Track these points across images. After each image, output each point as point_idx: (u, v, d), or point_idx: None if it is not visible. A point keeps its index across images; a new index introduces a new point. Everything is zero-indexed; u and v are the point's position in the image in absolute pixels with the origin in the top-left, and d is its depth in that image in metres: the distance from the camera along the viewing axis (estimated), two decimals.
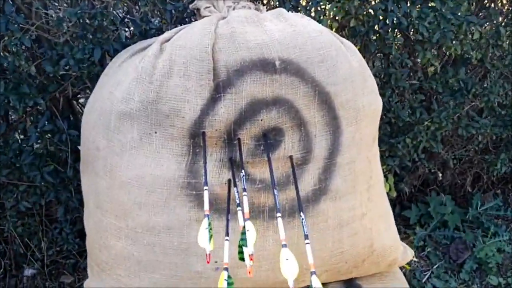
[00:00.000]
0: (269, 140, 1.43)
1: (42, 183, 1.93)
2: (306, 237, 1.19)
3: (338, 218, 1.51)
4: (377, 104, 1.58)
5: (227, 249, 1.17)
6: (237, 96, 1.41)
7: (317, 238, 1.49)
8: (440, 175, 2.35)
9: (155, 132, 1.43)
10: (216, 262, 1.47)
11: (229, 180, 1.43)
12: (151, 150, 1.44)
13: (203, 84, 1.40)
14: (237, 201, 1.28)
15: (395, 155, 2.14)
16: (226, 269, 1.12)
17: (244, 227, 1.14)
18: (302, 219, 1.23)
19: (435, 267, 2.15)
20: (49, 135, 1.85)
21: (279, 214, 1.22)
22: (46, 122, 1.81)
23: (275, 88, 1.42)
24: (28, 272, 2.27)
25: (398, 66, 1.96)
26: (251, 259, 1.09)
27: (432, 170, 2.32)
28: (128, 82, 1.44)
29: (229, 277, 1.10)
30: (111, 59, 1.69)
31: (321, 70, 1.45)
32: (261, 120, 1.43)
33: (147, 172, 1.44)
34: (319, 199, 1.49)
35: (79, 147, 1.62)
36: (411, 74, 2.04)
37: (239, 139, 1.43)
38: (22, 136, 1.94)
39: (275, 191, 1.26)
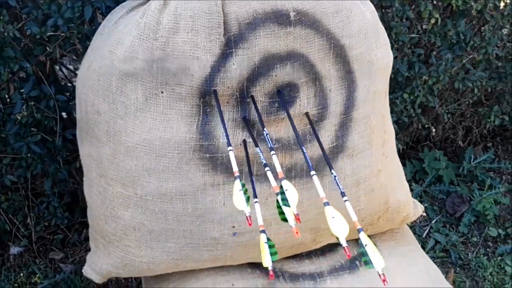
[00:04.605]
0: (284, 97, 1.36)
1: (29, 155, 1.81)
2: (343, 194, 1.13)
3: (355, 175, 1.46)
4: (390, 58, 1.52)
5: (259, 211, 1.10)
6: (250, 51, 1.32)
7: (334, 196, 1.44)
8: (434, 130, 2.33)
9: (162, 92, 1.33)
10: (233, 227, 1.41)
11: (244, 141, 1.36)
12: (158, 112, 1.34)
13: (213, 39, 1.30)
14: (264, 162, 1.20)
15: (392, 111, 2.10)
16: (263, 231, 1.05)
17: (281, 186, 1.07)
18: (335, 176, 1.18)
19: (433, 222, 2.15)
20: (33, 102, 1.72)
21: (313, 172, 1.16)
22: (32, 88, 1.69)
23: (290, 42, 1.34)
24: (15, 250, 2.16)
25: (398, 19, 1.90)
26: (298, 220, 1.02)
27: (426, 126, 2.30)
28: (130, 40, 1.33)
29: (268, 239, 1.04)
30: (103, 18, 1.56)
31: (336, 21, 1.38)
32: (275, 75, 1.35)
33: (155, 136, 1.35)
34: (337, 157, 1.43)
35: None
36: (410, 27, 1.99)
37: (252, 96, 1.35)
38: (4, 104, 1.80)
39: (304, 148, 1.20)
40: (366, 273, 1.51)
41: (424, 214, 2.19)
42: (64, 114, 1.85)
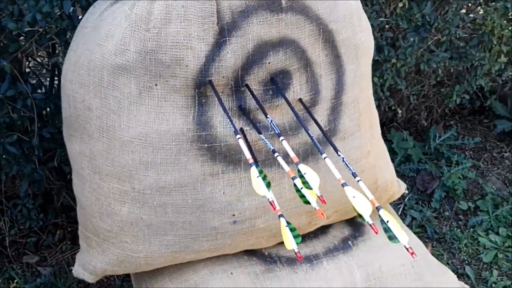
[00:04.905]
0: (277, 84, 1.38)
1: (4, 156, 1.74)
2: (355, 175, 1.16)
3: (347, 157, 1.49)
4: (372, 42, 1.57)
5: (273, 196, 1.11)
6: (244, 39, 1.33)
7: (330, 179, 1.47)
8: (400, 111, 2.41)
9: (155, 85, 1.32)
10: (233, 215, 1.41)
11: (242, 129, 1.36)
12: (153, 105, 1.33)
13: (206, 28, 1.30)
14: (271, 148, 1.22)
15: None
16: (281, 215, 1.06)
17: (298, 170, 1.09)
18: (343, 158, 1.20)
19: (406, 199, 2.23)
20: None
21: (325, 155, 1.18)
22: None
23: (281, 28, 1.36)
24: None
25: (369, 3, 1.95)
26: (323, 201, 1.04)
27: (393, 108, 2.38)
28: (121, 32, 1.30)
29: (288, 222, 1.05)
30: (82, 12, 1.52)
31: (324, 7, 1.40)
32: (269, 63, 1.36)
33: (151, 129, 1.33)
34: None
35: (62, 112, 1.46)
36: (379, 12, 2.05)
37: (247, 85, 1.36)
38: None
39: (310, 132, 1.22)
40: (359, 252, 1.56)
41: None
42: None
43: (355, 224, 1.66)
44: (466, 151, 2.50)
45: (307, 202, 1.04)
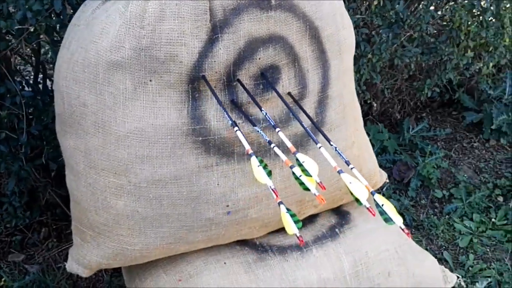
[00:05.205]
0: (267, 79, 1.43)
1: None
2: (348, 163, 1.23)
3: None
4: (353, 38, 1.64)
5: (272, 184, 1.16)
6: (235, 36, 1.38)
7: (320, 169, 1.53)
8: (375, 105, 2.50)
9: (150, 80, 1.35)
10: (227, 206, 1.46)
11: (235, 122, 1.41)
12: (148, 100, 1.36)
13: (199, 25, 1.34)
14: (267, 139, 1.27)
15: None
16: (281, 202, 1.12)
17: (297, 159, 1.15)
18: (335, 148, 1.27)
19: (384, 189, 2.32)
20: None
21: (320, 145, 1.24)
22: None
23: (271, 25, 1.41)
24: None
25: (346, 1, 2.02)
26: (323, 187, 1.10)
27: (369, 101, 2.46)
28: (116, 29, 1.33)
29: (287, 209, 1.10)
30: (72, 9, 1.54)
31: (310, 5, 1.46)
32: (259, 58, 1.41)
33: (147, 123, 1.37)
34: (318, 133, 1.52)
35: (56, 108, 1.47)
36: (355, 9, 2.13)
37: (238, 80, 1.41)
38: None
39: (304, 124, 1.28)
40: (346, 239, 1.63)
41: None
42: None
43: (340, 212, 1.73)
44: (438, 142, 2.61)
45: (307, 189, 1.10)
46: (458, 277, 1.78)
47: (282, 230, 1.66)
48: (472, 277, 1.91)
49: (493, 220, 2.15)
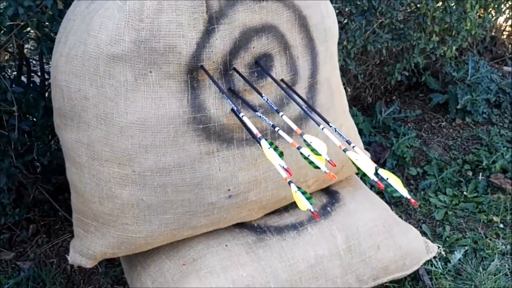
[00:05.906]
0: (262, 66, 1.49)
1: None
2: (349, 142, 1.31)
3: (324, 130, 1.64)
4: (336, 26, 1.71)
5: (284, 164, 1.22)
6: (230, 26, 1.43)
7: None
8: (348, 90, 2.60)
9: (150, 72, 1.40)
10: (229, 190, 1.52)
11: (233, 109, 1.47)
12: (149, 91, 1.41)
13: (196, 17, 1.39)
14: (270, 123, 1.34)
15: None
16: (291, 182, 1.19)
17: (304, 140, 1.22)
18: (335, 128, 1.34)
19: None
20: None
21: (322, 126, 1.32)
22: None
23: (263, 15, 1.47)
24: None
25: None
26: (333, 164, 1.17)
27: (344, 87, 2.55)
28: (115, 23, 1.37)
29: (298, 187, 1.17)
30: (64, 5, 1.56)
31: None
32: (253, 47, 1.48)
33: (149, 114, 1.41)
34: (310, 117, 1.60)
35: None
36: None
37: (235, 68, 1.47)
38: None
39: (304, 107, 1.35)
40: (338, 217, 1.72)
41: None
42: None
43: (330, 192, 1.82)
44: (409, 123, 2.73)
45: (317, 167, 1.17)
46: (438, 247, 1.89)
47: (276, 211, 1.74)
48: (449, 247, 2.04)
49: (464, 193, 2.29)
